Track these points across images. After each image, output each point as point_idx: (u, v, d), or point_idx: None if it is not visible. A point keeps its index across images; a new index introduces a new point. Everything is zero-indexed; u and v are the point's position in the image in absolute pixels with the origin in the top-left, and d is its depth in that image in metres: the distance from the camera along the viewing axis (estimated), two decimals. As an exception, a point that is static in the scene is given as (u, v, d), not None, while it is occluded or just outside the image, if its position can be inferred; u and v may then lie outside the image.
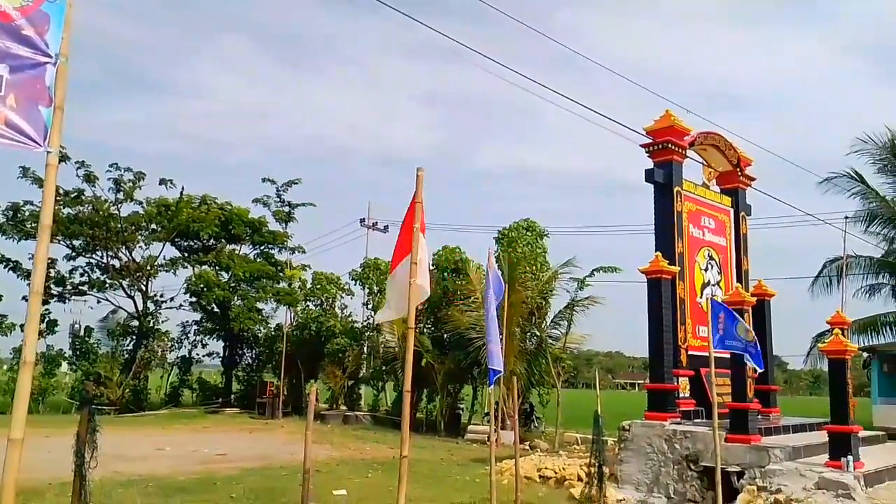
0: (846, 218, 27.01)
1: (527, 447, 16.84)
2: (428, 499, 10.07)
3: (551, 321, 20.91)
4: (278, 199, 28.44)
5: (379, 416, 24.03)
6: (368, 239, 34.94)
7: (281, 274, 27.91)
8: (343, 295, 27.80)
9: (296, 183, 28.47)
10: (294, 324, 27.10)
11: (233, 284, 26.89)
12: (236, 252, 28.36)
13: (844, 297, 26.68)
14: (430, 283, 5.01)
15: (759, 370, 9.99)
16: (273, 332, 28.33)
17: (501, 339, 15.22)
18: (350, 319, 27.48)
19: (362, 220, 35.82)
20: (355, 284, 27.23)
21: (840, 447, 9.50)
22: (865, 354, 23.77)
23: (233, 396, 28.32)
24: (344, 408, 25.20)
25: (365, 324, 27.03)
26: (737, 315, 9.34)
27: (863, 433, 11.74)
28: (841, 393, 9.76)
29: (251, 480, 11.29)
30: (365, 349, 26.61)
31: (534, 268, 21.11)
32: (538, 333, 20.60)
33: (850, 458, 9.32)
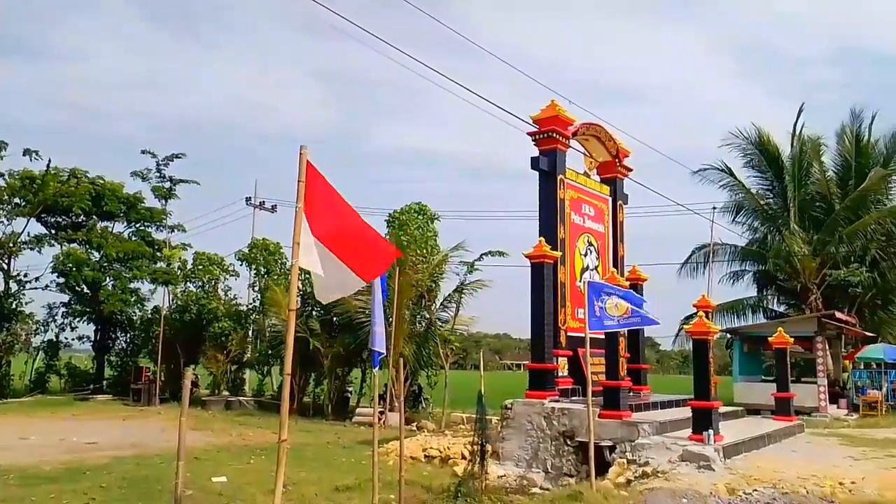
0: (714, 208, 29.10)
1: (414, 428, 17.05)
2: (312, 482, 9.99)
3: (441, 304, 21.19)
4: (158, 174, 26.94)
5: (264, 401, 23.48)
6: (255, 219, 33.84)
7: (159, 254, 26.54)
8: (227, 276, 26.85)
9: (178, 157, 27.04)
10: (173, 306, 25.90)
11: (105, 264, 25.28)
12: (109, 230, 26.69)
13: (710, 283, 28.77)
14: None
15: (657, 324, 10.53)
16: (150, 315, 26.93)
17: (391, 322, 15.31)
18: (234, 302, 26.60)
19: (248, 199, 34.65)
20: (241, 265, 26.37)
21: (702, 422, 10.24)
22: (728, 336, 25.72)
23: (105, 383, 26.74)
24: (226, 393, 24.41)
25: (250, 306, 26.26)
26: (605, 292, 9.81)
27: (723, 409, 12.74)
28: (704, 371, 10.51)
29: (124, 469, 10.80)
30: (250, 333, 25.87)
31: (424, 251, 21.25)
32: (428, 316, 20.81)
33: (711, 431, 10.06)
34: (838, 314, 23.35)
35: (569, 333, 12.93)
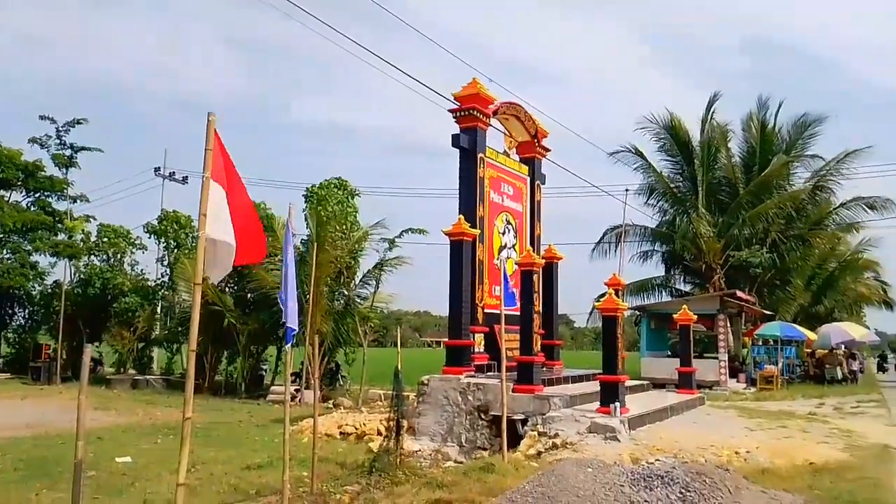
0: (627, 190, 30.01)
1: (330, 405, 16.92)
2: (222, 461, 9.76)
3: (360, 281, 21.02)
4: (59, 141, 25.37)
5: (173, 380, 22.73)
6: (164, 190, 32.44)
7: (60, 225, 25.10)
8: (134, 250, 25.73)
9: (80, 123, 25.54)
10: (75, 280, 24.62)
11: (1, 235, 23.73)
12: (5, 199, 25.02)
13: (622, 262, 29.77)
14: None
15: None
16: (50, 290, 25.53)
17: (308, 299, 15.06)
18: (142, 277, 25.54)
19: (157, 170, 33.13)
20: (150, 239, 25.30)
21: (609, 395, 10.62)
22: (637, 313, 26.75)
23: (2, 361, 25.25)
24: (133, 372, 23.53)
25: (159, 281, 25.27)
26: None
27: (630, 382, 13.25)
28: (612, 347, 10.86)
29: (21, 449, 10.28)
30: (159, 309, 24.93)
31: (344, 227, 20.97)
32: (346, 293, 20.62)
33: (617, 404, 10.44)
34: (739, 293, 24.67)
35: (486, 310, 13.09)
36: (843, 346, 26.28)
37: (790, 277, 29.81)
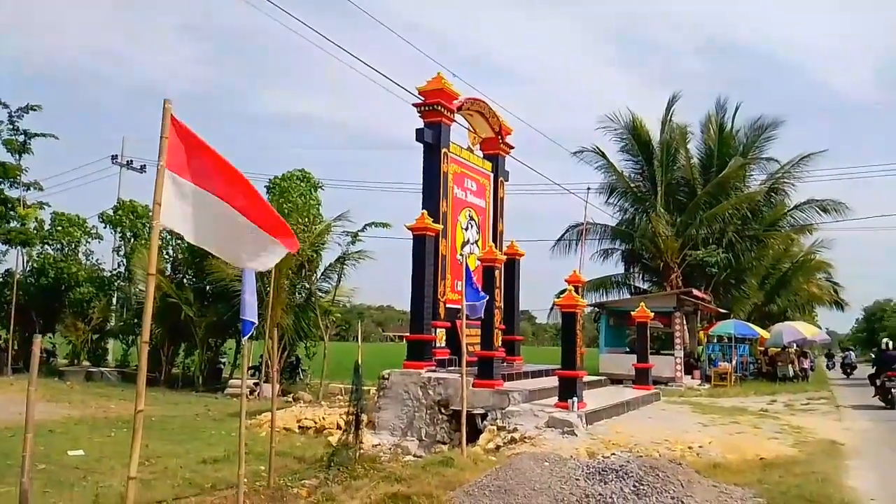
0: (588, 189, 30.35)
1: (290, 399, 16.79)
2: (178, 454, 9.63)
3: (322, 274, 20.90)
4: (11, 127, 24.54)
5: (128, 372, 22.26)
6: (122, 179, 31.64)
7: (12, 212, 24.32)
8: (89, 239, 25.10)
9: (34, 109, 24.73)
10: (28, 269, 23.93)
11: (-51, 222, 22.92)
12: (-46, 185, 24.15)
13: (582, 260, 30.13)
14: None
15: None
16: (1, 279, 24.77)
17: (268, 292, 14.92)
18: (97, 267, 24.95)
19: (114, 158, 32.28)
20: (105, 228, 24.71)
21: (568, 390, 10.75)
22: (596, 310, 27.13)
23: (-51, 352, 24.41)
24: (87, 364, 22.97)
25: (115, 272, 24.72)
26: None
27: (588, 378, 13.44)
28: (571, 343, 11.01)
29: (-33, 444, 9.91)
30: (114, 300, 24.40)
31: (306, 219, 20.81)
32: (308, 286, 20.48)
33: (575, 399, 10.59)
34: (696, 292, 25.18)
35: (448, 305, 13.13)
36: (794, 345, 27.02)
37: (745, 277, 30.53)
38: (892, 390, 16.47)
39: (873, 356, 23.05)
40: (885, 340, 21.20)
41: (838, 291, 39.29)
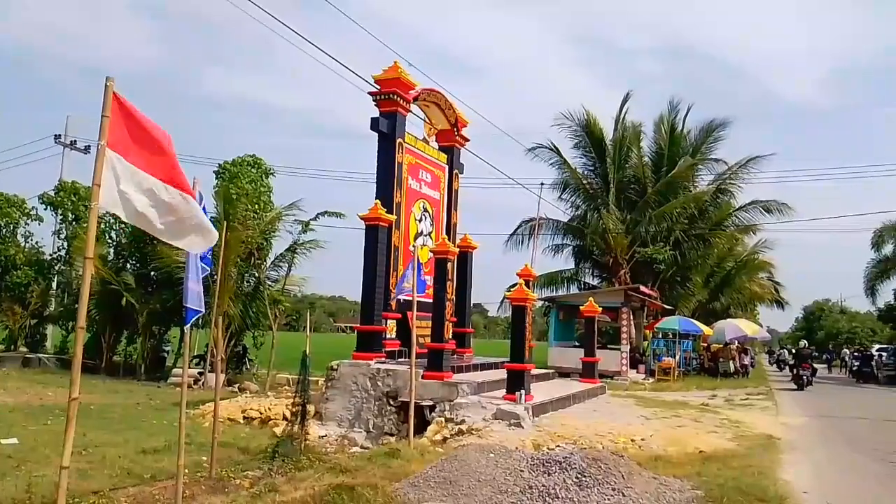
0: (542, 184, 30.64)
1: (236, 390, 16.52)
2: (117, 444, 9.36)
3: (272, 263, 20.58)
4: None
5: (67, 359, 21.56)
6: (65, 159, 30.53)
7: (-56, 192, 23.30)
8: (28, 221, 24.15)
9: (-29, 85, 23.70)
10: (-40, 252, 22.92)
11: None
12: None
13: (534, 254, 30.42)
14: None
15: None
16: (-68, 260, 23.68)
17: (215, 279, 14.59)
18: (37, 250, 24.04)
19: (57, 137, 31.13)
20: (46, 210, 23.81)
21: (515, 383, 10.85)
22: (547, 304, 27.42)
23: None
24: (24, 350, 22.18)
25: (55, 255, 23.87)
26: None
27: (537, 371, 13.58)
28: (520, 336, 11.09)
29: None
30: (54, 284, 23.57)
31: (257, 206, 20.45)
32: (257, 275, 20.13)
33: (522, 392, 10.69)
34: (643, 288, 25.67)
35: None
36: (736, 342, 27.85)
37: (690, 275, 31.29)
38: (803, 377, 22.41)
39: (794, 352, 27.91)
40: (802, 341, 29.18)
41: (779, 290, 40.75)
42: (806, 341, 28.69)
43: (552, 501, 5.94)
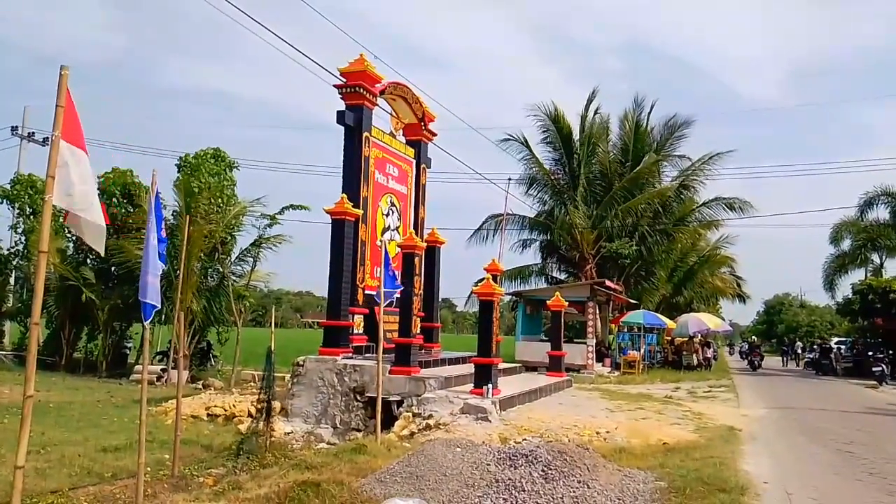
0: (509, 180, 30.74)
1: (200, 386, 16.26)
2: (76, 442, 9.16)
3: (236, 258, 20.30)
4: None
5: (26, 355, 21.02)
6: (22, 151, 29.70)
7: None
8: (-17, 215, 23.49)
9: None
10: (-88, 246, 22.17)
11: None
12: None
13: (502, 249, 30.53)
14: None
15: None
16: None
17: (178, 274, 14.36)
18: (-8, 244, 23.37)
19: (14, 129, 30.27)
20: (2, 203, 23.13)
21: (483, 377, 10.86)
22: (514, 298, 27.54)
23: None
24: (-20, 347, 21.55)
25: (12, 250, 23.21)
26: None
27: (504, 365, 13.62)
28: (487, 330, 11.09)
29: None
30: (12, 280, 22.94)
31: (220, 200, 20.13)
32: (221, 269, 19.84)
33: (489, 386, 10.70)
34: (608, 282, 25.95)
35: (366, 291, 12.98)
36: (699, 335, 28.36)
37: (654, 269, 31.73)
38: (754, 361, 31.12)
39: (747, 344, 38.07)
40: (753, 337, 44.80)
41: (741, 285, 41.60)
42: (755, 337, 42.39)
43: (518, 494, 5.97)
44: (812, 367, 30.84)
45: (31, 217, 22.22)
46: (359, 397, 11.22)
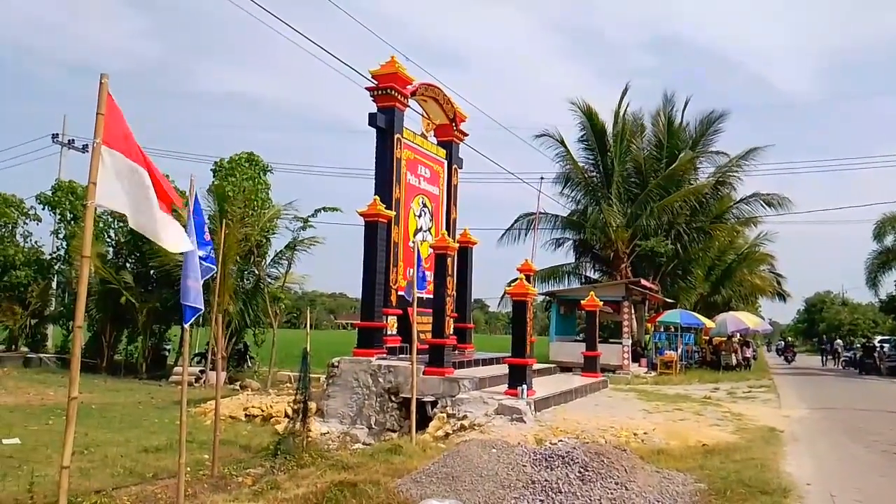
0: (541, 179, 30.56)
1: (237, 387, 16.52)
2: (118, 443, 9.36)
3: (271, 260, 20.55)
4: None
5: (68, 358, 21.51)
6: (63, 158, 30.46)
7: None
8: (27, 221, 24.13)
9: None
10: (-41, 251, 22.88)
11: None
12: None
13: (534, 249, 30.36)
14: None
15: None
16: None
17: (215, 277, 14.59)
18: (36, 249, 24.01)
19: (55, 137, 31.07)
20: (44, 209, 23.77)
21: (517, 378, 10.82)
22: (547, 298, 27.37)
23: None
24: (25, 349, 22.18)
25: (54, 255, 23.84)
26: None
27: (538, 365, 13.55)
28: (521, 330, 11.05)
29: None
30: (54, 284, 23.55)
31: (255, 204, 20.39)
32: (257, 272, 20.10)
33: (524, 386, 10.66)
34: (644, 281, 25.62)
35: (399, 293, 13.03)
36: (738, 335, 27.82)
37: (691, 268, 31.22)
38: (787, 357, 36.60)
39: (783, 342, 44.11)
40: (789, 338, 50.59)
41: (781, 283, 40.70)
42: (790, 337, 48.80)
43: (555, 496, 5.92)
44: (854, 366, 30.04)
45: (72, 223, 22.78)
46: (393, 398, 11.27)
